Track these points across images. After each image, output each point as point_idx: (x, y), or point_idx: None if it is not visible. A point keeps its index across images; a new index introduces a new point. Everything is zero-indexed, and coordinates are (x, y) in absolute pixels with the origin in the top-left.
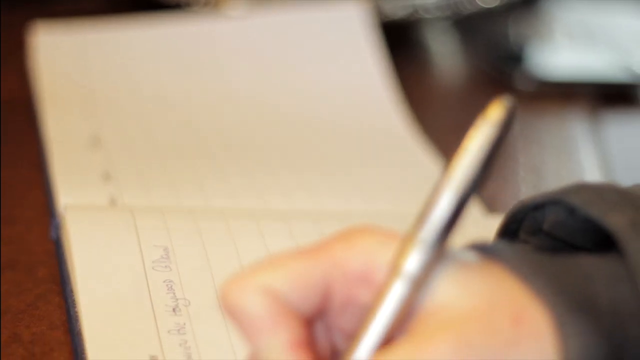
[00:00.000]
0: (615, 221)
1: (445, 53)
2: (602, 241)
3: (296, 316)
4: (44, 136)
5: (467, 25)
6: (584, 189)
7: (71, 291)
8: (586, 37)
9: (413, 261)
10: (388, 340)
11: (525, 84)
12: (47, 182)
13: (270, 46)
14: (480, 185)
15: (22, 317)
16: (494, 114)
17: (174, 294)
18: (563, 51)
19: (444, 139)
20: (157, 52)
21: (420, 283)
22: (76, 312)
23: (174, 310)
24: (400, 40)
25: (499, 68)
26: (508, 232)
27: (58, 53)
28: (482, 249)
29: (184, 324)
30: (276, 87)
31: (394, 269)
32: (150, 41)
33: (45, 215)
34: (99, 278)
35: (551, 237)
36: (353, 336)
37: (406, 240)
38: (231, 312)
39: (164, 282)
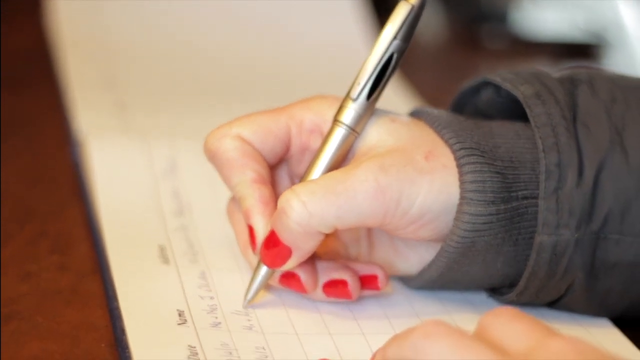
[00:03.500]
0: (523, 91)
1: (424, 16)
2: (524, 117)
3: (261, 159)
4: (64, 76)
5: None
6: (507, 71)
7: (91, 198)
8: (553, 0)
9: (349, 113)
10: None
11: (495, 43)
12: (66, 113)
13: (261, 8)
14: (402, 52)
15: (49, 218)
16: None
17: (179, 199)
18: (531, 13)
19: (424, 92)
20: (165, 9)
21: (355, 130)
22: (96, 213)
23: (179, 213)
24: (382, 3)
25: (472, 29)
26: None
27: (75, 9)
28: (412, 112)
29: (188, 224)
30: (266, 42)
31: (335, 121)
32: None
33: (66, 141)
34: (116, 186)
35: (487, 117)
36: (307, 168)
37: (345, 97)
38: (211, 155)
39: (172, 189)
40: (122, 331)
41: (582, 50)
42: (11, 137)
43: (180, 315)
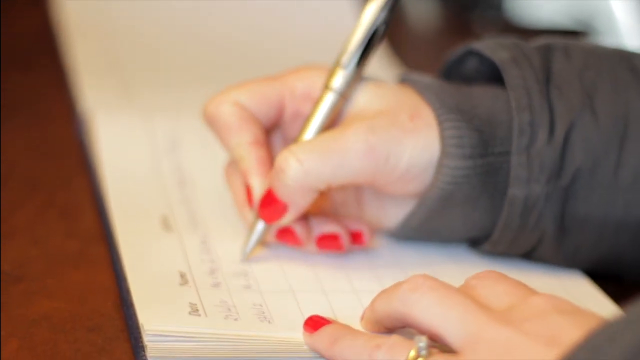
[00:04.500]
0: (500, 56)
1: (417, 2)
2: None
3: (257, 123)
4: (69, 57)
5: None
6: (489, 40)
7: (96, 171)
8: None
9: (338, 79)
10: None
11: (487, 29)
12: (71, 92)
13: None
14: (387, 22)
15: (56, 189)
16: None
17: (182, 173)
18: (523, 0)
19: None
20: None
21: (344, 95)
22: (102, 184)
23: (182, 185)
24: None
25: (464, 15)
26: None
27: None
28: (399, 79)
29: (190, 195)
30: (264, 25)
31: (326, 86)
32: None
33: (71, 118)
34: (121, 160)
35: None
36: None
37: (335, 65)
38: (210, 120)
39: (174, 163)
40: (127, 291)
41: (568, 37)
42: (20, 113)
43: (182, 276)
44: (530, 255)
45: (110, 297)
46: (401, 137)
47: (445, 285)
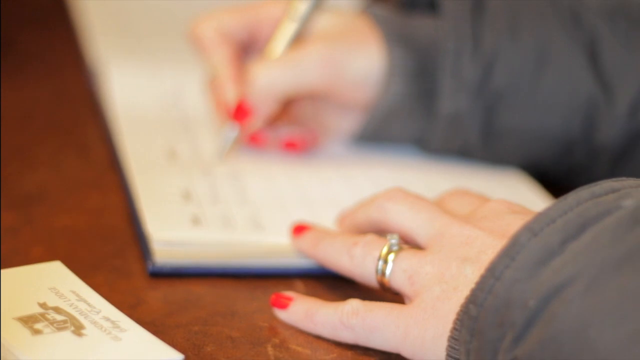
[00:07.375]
0: None
1: None
2: None
3: (233, 42)
4: (81, 14)
5: None
6: None
7: (108, 114)
8: None
9: (300, 7)
10: None
11: None
12: (83, 48)
13: None
14: None
15: (73, 130)
16: None
17: (187, 116)
18: None
19: None
20: None
21: (304, 21)
22: (113, 125)
23: (186, 124)
24: None
25: None
26: None
27: None
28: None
29: (195, 133)
30: None
31: (289, 13)
32: None
33: (82, 70)
34: (133, 104)
35: None
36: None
37: None
38: (193, 40)
39: (181, 107)
40: (137, 210)
41: None
42: (36, 66)
43: (185, 195)
44: (463, 153)
45: (122, 215)
46: (352, 50)
47: (416, 195)
